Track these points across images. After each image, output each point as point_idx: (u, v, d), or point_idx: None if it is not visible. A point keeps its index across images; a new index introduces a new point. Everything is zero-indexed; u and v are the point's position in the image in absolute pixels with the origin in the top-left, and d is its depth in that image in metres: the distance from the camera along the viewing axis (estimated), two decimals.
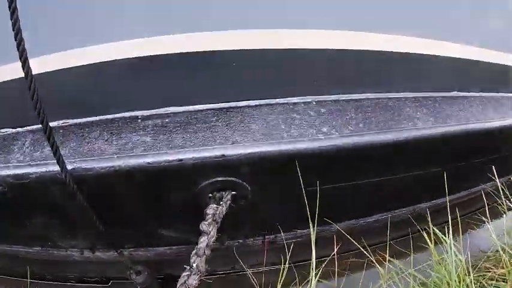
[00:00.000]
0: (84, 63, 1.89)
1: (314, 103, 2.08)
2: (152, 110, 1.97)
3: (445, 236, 2.00)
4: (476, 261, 2.31)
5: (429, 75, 2.31)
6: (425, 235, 2.11)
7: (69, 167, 1.76)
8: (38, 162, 1.85)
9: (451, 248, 1.98)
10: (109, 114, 1.97)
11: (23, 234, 2.31)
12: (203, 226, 1.95)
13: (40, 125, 2.00)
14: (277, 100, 2.04)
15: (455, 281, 1.92)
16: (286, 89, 2.07)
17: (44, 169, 1.83)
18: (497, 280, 2.08)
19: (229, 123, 1.90)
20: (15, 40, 1.37)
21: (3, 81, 2.00)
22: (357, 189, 2.23)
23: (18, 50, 1.37)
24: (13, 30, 1.36)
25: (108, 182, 1.82)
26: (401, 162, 2.22)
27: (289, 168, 1.87)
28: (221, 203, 1.92)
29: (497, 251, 2.18)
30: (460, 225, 2.17)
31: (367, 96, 2.23)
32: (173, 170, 1.79)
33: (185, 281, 1.86)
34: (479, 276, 2.14)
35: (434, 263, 2.11)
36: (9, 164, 1.90)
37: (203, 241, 1.94)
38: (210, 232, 1.93)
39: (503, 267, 2.08)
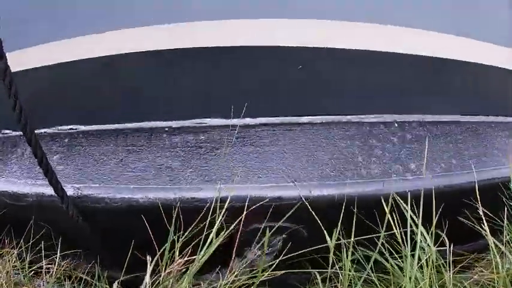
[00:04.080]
0: (100, 54, 1.27)
1: (396, 125, 1.42)
2: (183, 121, 1.34)
3: None
4: None
5: None
6: None
7: (70, 191, 1.19)
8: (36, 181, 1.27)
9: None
10: (127, 121, 1.36)
11: None
12: (234, 264, 1.38)
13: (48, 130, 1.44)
14: (350, 118, 1.38)
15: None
16: (358, 102, 1.41)
17: (43, 191, 1.25)
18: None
19: (288, 148, 1.27)
20: None
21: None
22: None
23: None
24: None
25: (119, 216, 1.24)
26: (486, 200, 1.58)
27: (364, 212, 1.26)
28: (267, 251, 1.33)
29: None
30: None
31: (456, 118, 1.56)
32: (207, 210, 1.19)
33: None
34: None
35: None
36: (1, 178, 1.33)
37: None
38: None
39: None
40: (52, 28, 1.17)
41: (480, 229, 1.28)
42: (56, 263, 1.39)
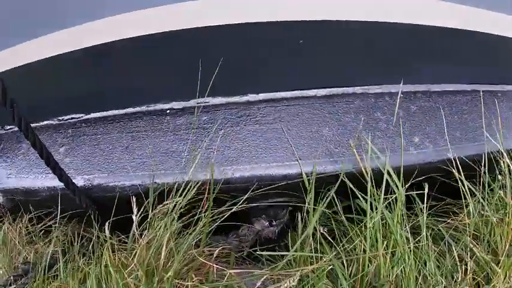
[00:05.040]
0: (95, 43, 1.19)
1: (401, 95, 1.37)
2: (184, 102, 1.31)
3: None
4: None
5: None
6: None
7: (81, 183, 1.21)
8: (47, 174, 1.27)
9: None
10: (129, 106, 1.32)
11: None
12: (243, 231, 1.46)
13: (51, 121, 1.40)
14: (355, 89, 1.33)
15: None
16: (362, 74, 1.35)
17: (54, 184, 1.26)
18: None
19: (292, 125, 1.25)
20: None
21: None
22: None
23: None
24: None
25: (129, 200, 1.27)
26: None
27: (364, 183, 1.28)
28: (274, 223, 1.38)
29: None
30: None
31: (462, 87, 1.50)
32: (215, 188, 1.21)
33: None
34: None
35: None
36: (11, 176, 1.32)
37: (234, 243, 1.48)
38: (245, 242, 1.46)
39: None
40: (43, 22, 1.08)
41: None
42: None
